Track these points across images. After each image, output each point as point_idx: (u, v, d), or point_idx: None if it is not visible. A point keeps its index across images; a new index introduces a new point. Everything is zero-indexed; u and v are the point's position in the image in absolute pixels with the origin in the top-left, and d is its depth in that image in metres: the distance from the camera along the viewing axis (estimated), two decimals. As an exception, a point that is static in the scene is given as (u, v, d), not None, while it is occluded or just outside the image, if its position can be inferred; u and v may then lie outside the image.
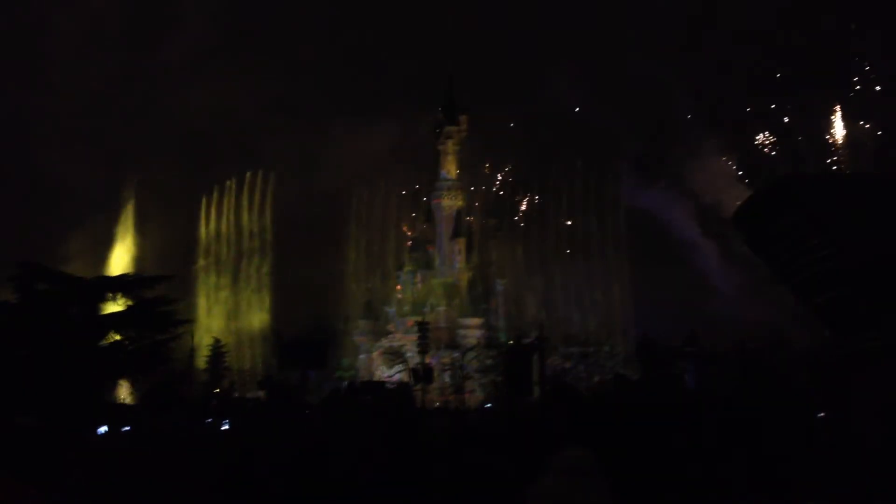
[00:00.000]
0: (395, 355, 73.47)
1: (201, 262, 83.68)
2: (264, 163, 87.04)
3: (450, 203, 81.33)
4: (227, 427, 22.20)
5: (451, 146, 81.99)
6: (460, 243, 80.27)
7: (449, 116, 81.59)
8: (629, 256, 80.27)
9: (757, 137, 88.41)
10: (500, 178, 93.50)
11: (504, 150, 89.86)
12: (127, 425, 18.35)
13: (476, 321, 75.54)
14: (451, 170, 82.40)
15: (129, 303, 29.14)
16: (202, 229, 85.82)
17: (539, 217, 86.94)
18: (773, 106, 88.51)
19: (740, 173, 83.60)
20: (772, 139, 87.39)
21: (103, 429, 18.29)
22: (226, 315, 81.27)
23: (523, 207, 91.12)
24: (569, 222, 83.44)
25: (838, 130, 74.94)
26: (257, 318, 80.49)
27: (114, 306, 29.14)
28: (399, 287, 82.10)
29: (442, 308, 76.40)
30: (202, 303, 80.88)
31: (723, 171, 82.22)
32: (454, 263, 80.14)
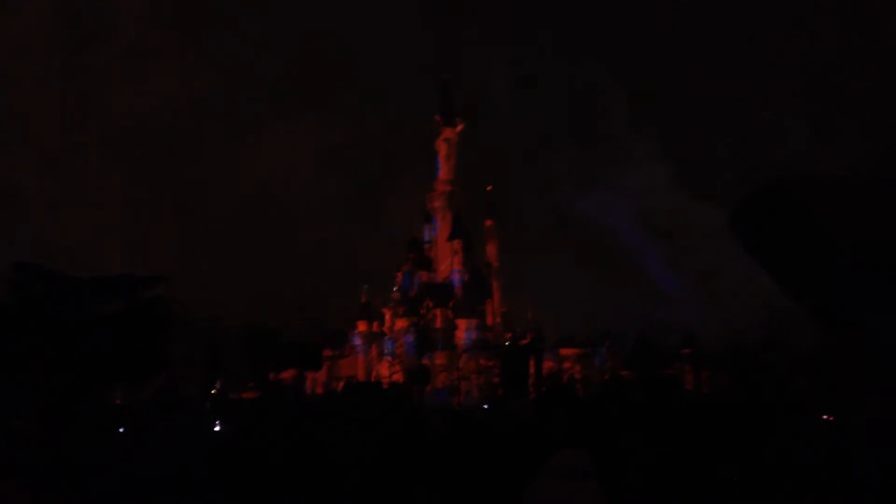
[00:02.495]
0: (391, 356, 73.45)
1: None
2: (206, 162, 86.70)
3: (447, 204, 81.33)
4: (219, 428, 22.17)
5: (448, 147, 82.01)
6: (457, 244, 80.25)
7: (446, 118, 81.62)
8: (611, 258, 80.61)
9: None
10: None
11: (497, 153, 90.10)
12: (126, 427, 18.29)
13: (472, 322, 75.53)
14: (448, 171, 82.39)
15: (126, 304, 29.04)
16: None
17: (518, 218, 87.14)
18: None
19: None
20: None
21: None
22: (222, 315, 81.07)
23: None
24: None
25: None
26: (253, 318, 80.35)
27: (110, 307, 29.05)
28: (396, 288, 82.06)
29: (438, 309, 76.36)
30: (196, 301, 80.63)
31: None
32: (451, 264, 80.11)
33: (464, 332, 74.03)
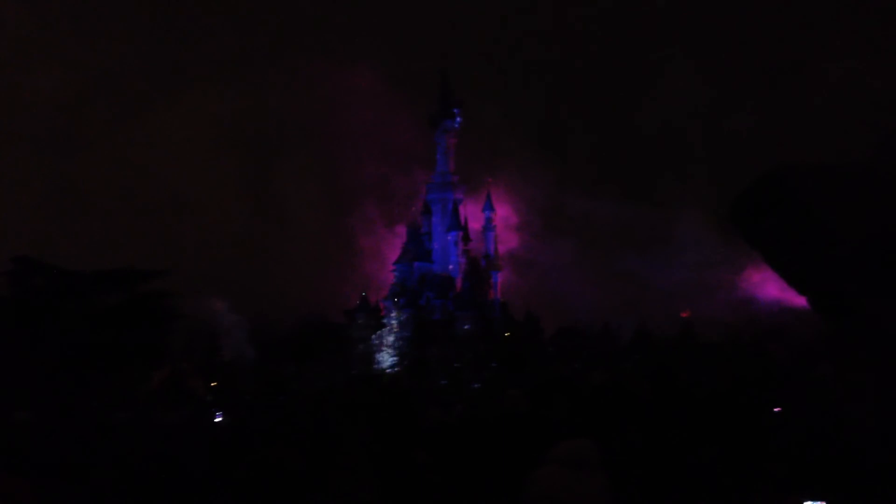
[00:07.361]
0: (390, 348, 73.48)
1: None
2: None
3: (446, 195, 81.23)
4: (220, 419, 22.19)
5: (447, 139, 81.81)
6: (457, 235, 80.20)
7: (444, 109, 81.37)
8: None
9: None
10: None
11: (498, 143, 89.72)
12: (126, 420, 18.30)
13: (471, 313, 75.53)
14: (447, 162, 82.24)
15: (126, 297, 29.10)
16: None
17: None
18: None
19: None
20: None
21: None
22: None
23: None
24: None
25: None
26: (250, 309, 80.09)
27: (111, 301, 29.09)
28: (394, 278, 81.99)
29: (438, 300, 76.39)
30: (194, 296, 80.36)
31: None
32: (450, 255, 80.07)
33: (462, 322, 74.06)
